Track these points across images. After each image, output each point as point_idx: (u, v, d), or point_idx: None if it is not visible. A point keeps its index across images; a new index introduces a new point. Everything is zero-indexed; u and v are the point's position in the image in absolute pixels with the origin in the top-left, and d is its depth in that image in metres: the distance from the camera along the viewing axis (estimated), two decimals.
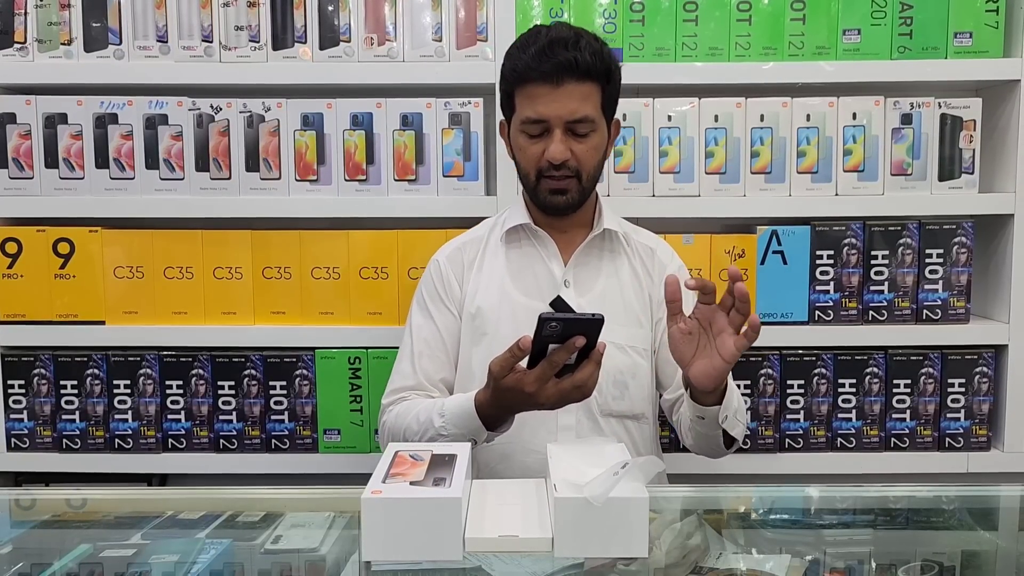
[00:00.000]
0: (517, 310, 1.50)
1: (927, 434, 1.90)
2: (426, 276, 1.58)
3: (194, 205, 1.85)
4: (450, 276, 1.55)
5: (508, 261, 1.54)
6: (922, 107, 1.84)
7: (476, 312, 1.51)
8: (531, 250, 1.55)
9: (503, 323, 1.49)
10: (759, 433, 1.90)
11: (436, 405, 1.42)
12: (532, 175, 1.47)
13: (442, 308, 1.54)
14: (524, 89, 1.43)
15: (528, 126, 1.44)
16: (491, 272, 1.54)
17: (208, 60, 1.83)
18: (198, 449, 1.91)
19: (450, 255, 1.57)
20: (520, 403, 1.31)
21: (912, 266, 1.86)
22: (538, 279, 1.53)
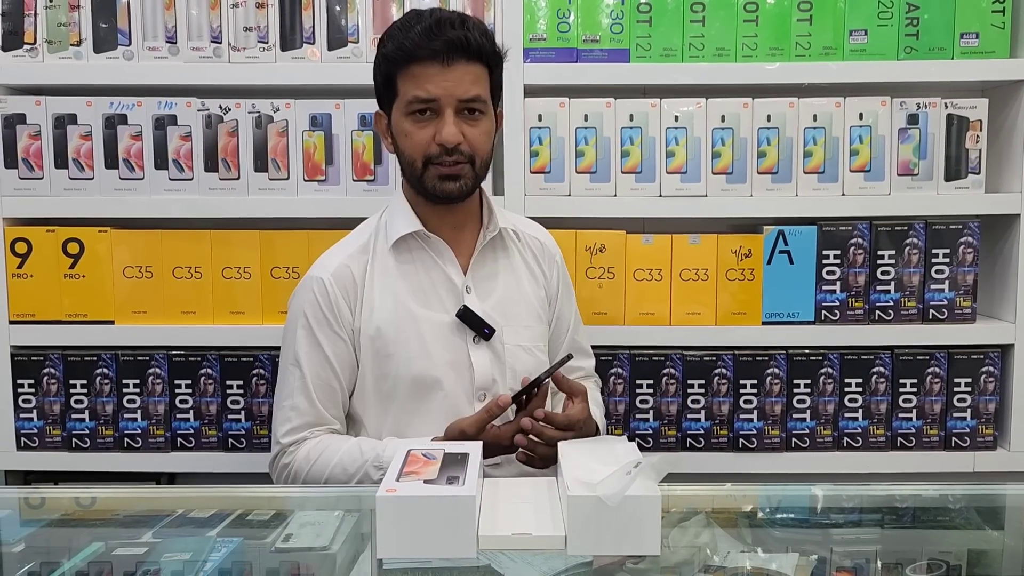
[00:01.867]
0: (421, 326, 1.42)
1: (933, 433, 1.90)
2: (307, 297, 1.43)
3: (203, 205, 1.86)
4: (338, 298, 1.42)
5: (402, 273, 1.44)
6: (928, 107, 1.85)
7: (376, 333, 1.42)
8: (425, 259, 1.45)
9: (409, 342, 1.41)
10: (765, 432, 1.90)
11: (367, 453, 1.36)
12: (419, 162, 1.38)
13: (331, 335, 1.42)
14: (410, 69, 1.35)
15: (416, 107, 1.36)
16: (384, 287, 1.43)
17: (217, 61, 1.84)
18: (207, 448, 1.91)
19: (336, 272, 1.43)
20: (489, 454, 1.30)
21: (918, 266, 1.87)
22: (437, 289, 1.45)
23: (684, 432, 1.90)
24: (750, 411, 1.89)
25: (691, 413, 1.90)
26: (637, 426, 1.91)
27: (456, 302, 1.44)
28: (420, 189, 1.41)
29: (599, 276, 1.87)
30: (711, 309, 1.88)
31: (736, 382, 1.88)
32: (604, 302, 1.85)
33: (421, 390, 1.42)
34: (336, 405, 1.45)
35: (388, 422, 1.44)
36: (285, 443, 1.42)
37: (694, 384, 1.89)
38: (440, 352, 1.42)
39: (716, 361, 1.88)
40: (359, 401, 1.46)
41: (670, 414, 1.90)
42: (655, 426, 1.90)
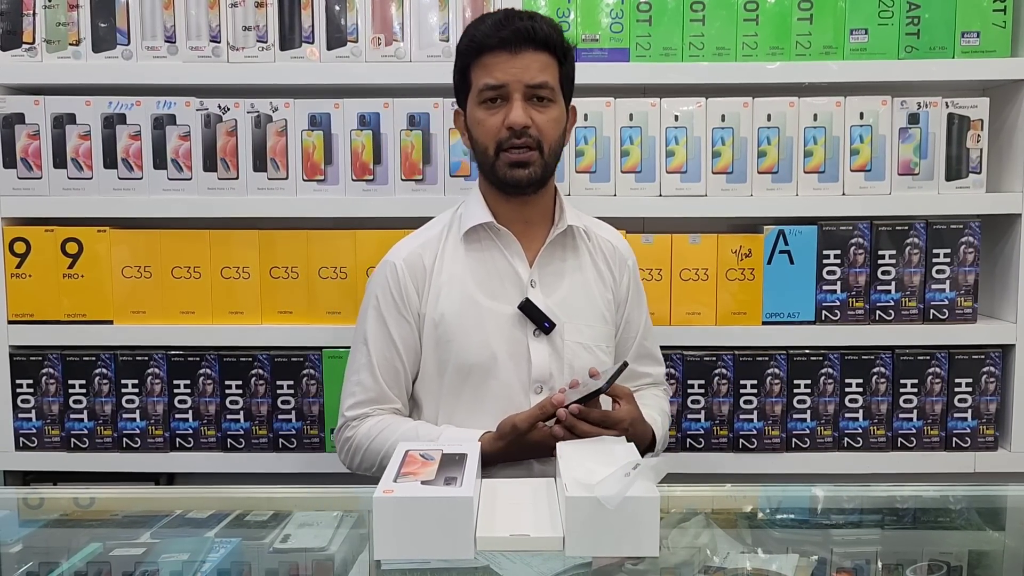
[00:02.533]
0: (484, 315, 1.45)
1: (934, 434, 1.89)
2: (380, 280, 1.49)
3: (202, 205, 1.85)
4: (407, 283, 1.47)
5: (469, 263, 1.48)
6: (929, 107, 1.84)
7: (440, 319, 1.46)
8: (494, 250, 1.49)
9: (471, 330, 1.45)
10: (765, 433, 1.90)
11: (424, 438, 1.41)
12: (491, 149, 1.42)
13: (399, 318, 1.48)
14: (481, 60, 1.41)
15: (486, 94, 1.40)
16: (452, 275, 1.48)
17: (216, 60, 1.83)
18: (205, 448, 1.91)
19: (408, 258, 1.49)
20: (538, 454, 1.35)
21: (919, 266, 1.86)
22: (504, 281, 1.48)
23: (684, 432, 1.90)
24: (750, 411, 1.89)
25: (691, 413, 1.89)
26: None
27: (520, 295, 1.46)
28: (493, 178, 1.45)
29: None
30: (711, 309, 1.87)
31: (736, 382, 1.88)
32: None
33: (478, 377, 1.45)
34: (399, 386, 1.50)
35: (444, 407, 1.48)
36: (349, 416, 1.49)
37: (694, 384, 1.89)
38: (500, 342, 1.45)
39: (716, 361, 1.87)
40: (420, 385, 1.51)
41: (670, 415, 1.88)
42: None
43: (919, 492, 1.37)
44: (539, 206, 1.49)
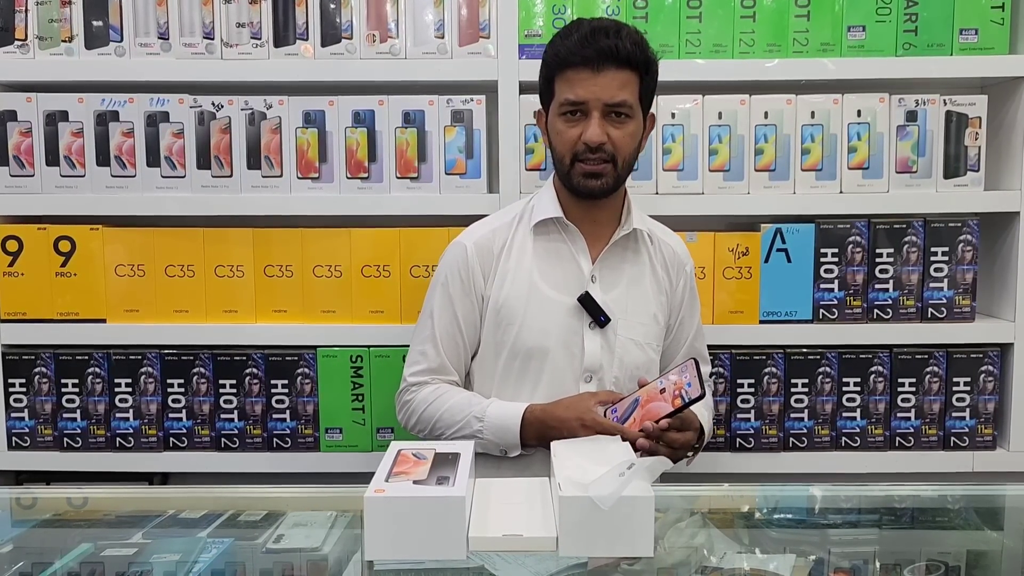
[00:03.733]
0: (544, 303, 1.52)
1: (932, 433, 1.88)
2: (451, 258, 1.56)
3: (195, 203, 1.84)
4: (475, 265, 1.54)
5: (536, 253, 1.54)
6: (927, 104, 1.83)
7: (503, 303, 1.53)
8: (560, 243, 1.55)
9: (531, 316, 1.51)
10: (763, 432, 1.89)
11: (474, 406, 1.50)
12: (567, 159, 1.48)
13: (463, 298, 1.54)
14: (565, 74, 1.45)
15: (567, 108, 1.46)
16: (519, 262, 1.54)
17: (209, 57, 1.82)
18: (199, 448, 1.90)
19: (479, 241, 1.55)
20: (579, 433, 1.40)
21: (917, 264, 1.85)
22: (566, 273, 1.54)
23: None
24: (747, 410, 1.88)
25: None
26: None
27: (580, 288, 1.52)
28: (567, 183, 1.51)
29: None
30: (708, 307, 1.86)
31: (733, 381, 1.87)
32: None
33: (532, 361, 1.52)
34: (459, 360, 1.57)
35: (497, 387, 1.55)
36: (411, 381, 1.57)
37: None
38: (556, 330, 1.51)
39: (713, 360, 1.86)
40: (477, 363, 1.58)
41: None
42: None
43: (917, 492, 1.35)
44: (608, 208, 1.55)
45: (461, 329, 1.55)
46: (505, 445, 1.48)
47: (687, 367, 1.39)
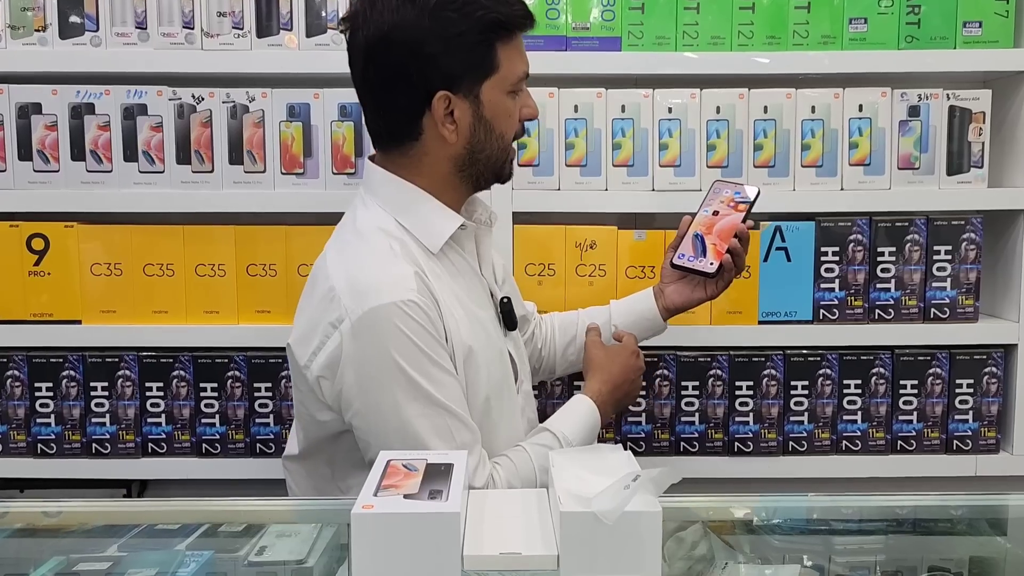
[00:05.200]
0: (488, 328, 1.32)
1: (934, 436, 1.84)
2: (411, 327, 1.18)
3: (175, 199, 1.77)
4: (437, 319, 1.22)
5: (451, 275, 1.30)
6: (930, 99, 1.79)
7: (468, 352, 1.26)
8: (455, 255, 1.32)
9: (488, 350, 1.30)
10: (761, 436, 1.84)
11: (552, 442, 1.30)
12: (510, 143, 1.32)
13: (449, 362, 1.23)
14: (514, 40, 1.27)
15: (518, 84, 1.29)
16: (450, 296, 1.27)
17: (189, 47, 1.75)
18: (179, 454, 1.83)
19: (420, 289, 1.21)
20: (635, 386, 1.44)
21: (919, 263, 1.81)
22: (475, 283, 1.34)
23: (678, 436, 1.84)
24: (746, 414, 1.83)
25: (685, 416, 1.84)
26: (629, 430, 1.84)
27: (486, 294, 1.37)
28: (499, 173, 1.33)
29: (590, 273, 1.80)
30: (705, 308, 1.79)
31: (731, 384, 1.82)
32: (595, 300, 1.76)
33: (498, 398, 1.31)
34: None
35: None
36: (481, 485, 1.21)
37: (688, 386, 1.83)
38: (499, 354, 1.34)
39: (710, 362, 1.82)
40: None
41: (663, 417, 1.83)
42: (647, 430, 1.84)
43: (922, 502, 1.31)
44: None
45: (466, 396, 1.26)
46: (591, 441, 1.39)
47: (716, 187, 1.45)
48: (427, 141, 1.27)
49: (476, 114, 1.26)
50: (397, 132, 1.28)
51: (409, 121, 1.26)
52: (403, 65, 1.22)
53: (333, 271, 1.24)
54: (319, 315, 1.22)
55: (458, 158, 1.29)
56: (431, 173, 1.30)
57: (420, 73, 1.22)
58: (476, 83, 1.25)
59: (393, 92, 1.24)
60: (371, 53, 1.23)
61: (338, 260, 1.25)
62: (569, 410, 1.38)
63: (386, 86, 1.24)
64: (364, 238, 1.26)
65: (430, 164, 1.29)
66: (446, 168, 1.30)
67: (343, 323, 1.19)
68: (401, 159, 1.30)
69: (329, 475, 1.32)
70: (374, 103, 1.29)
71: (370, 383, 1.19)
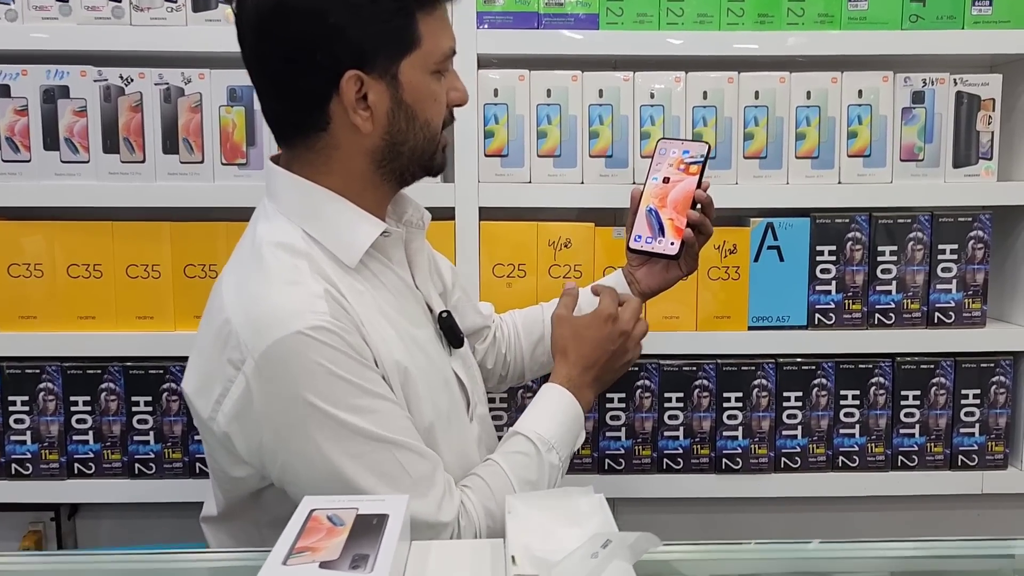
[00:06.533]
0: (422, 350, 1.11)
1: (938, 451, 1.70)
2: (327, 356, 0.97)
3: (102, 193, 1.59)
4: (359, 342, 1.02)
5: (375, 290, 1.09)
6: (936, 84, 1.64)
7: (406, 375, 1.07)
8: (378, 265, 1.11)
9: (428, 373, 1.11)
10: (751, 451, 1.69)
11: (533, 450, 1.12)
12: (439, 131, 1.11)
13: (383, 385, 1.04)
14: (436, 12, 1.06)
15: (443, 63, 1.09)
16: (376, 312, 1.06)
17: (117, 23, 1.57)
18: (109, 475, 1.65)
19: (333, 312, 1.00)
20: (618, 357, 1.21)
21: (923, 263, 1.67)
22: (404, 298, 1.13)
23: (660, 452, 1.69)
24: (734, 427, 1.69)
25: (668, 430, 1.69)
26: (607, 445, 1.68)
27: (422, 309, 1.16)
28: (428, 164, 1.12)
29: (564, 275, 1.65)
30: (690, 312, 1.66)
31: (719, 395, 1.68)
32: None
33: (447, 430, 1.12)
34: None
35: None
36: (447, 520, 1.02)
37: (671, 397, 1.68)
38: (441, 376, 1.14)
39: (696, 371, 1.67)
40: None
41: (644, 432, 1.68)
42: (627, 445, 1.69)
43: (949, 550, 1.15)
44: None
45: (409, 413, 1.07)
46: (577, 439, 1.20)
47: (661, 147, 1.30)
48: (337, 132, 1.06)
49: (395, 98, 1.06)
50: (300, 122, 1.07)
51: (313, 108, 1.05)
52: (303, 39, 1.01)
53: (228, 301, 1.03)
54: (216, 355, 1.02)
55: (376, 151, 1.08)
56: (344, 171, 1.08)
57: (324, 49, 1.01)
58: (393, 61, 1.04)
59: (292, 73, 1.03)
60: (263, 25, 1.03)
61: (234, 288, 1.04)
62: (539, 406, 1.18)
63: (283, 66, 1.03)
64: (262, 258, 1.03)
65: (342, 160, 1.08)
66: (362, 164, 1.09)
67: (245, 363, 0.98)
68: (307, 156, 1.08)
69: (258, 538, 1.12)
70: (270, 87, 1.07)
71: (289, 431, 0.99)
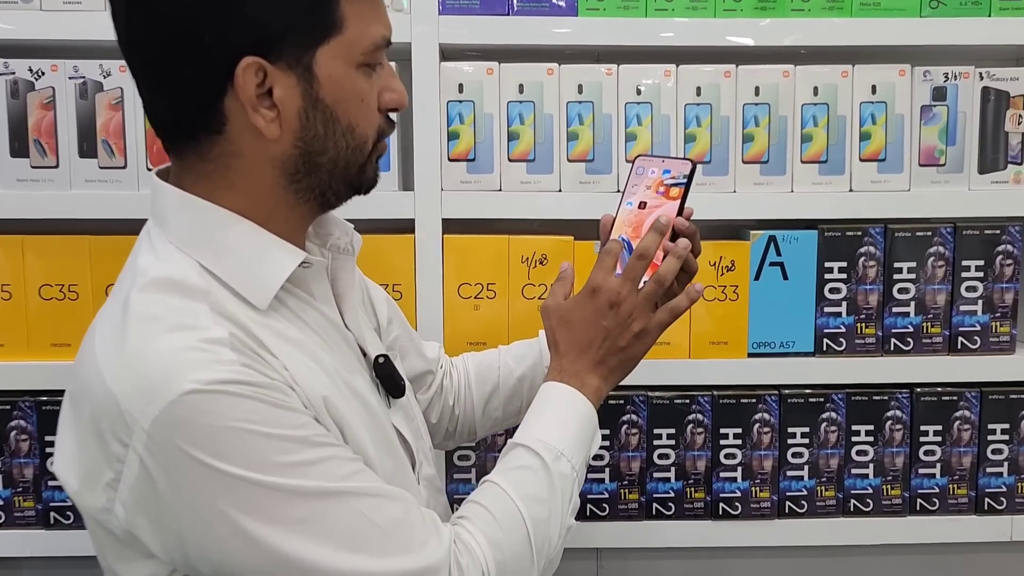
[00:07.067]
0: (372, 405, 0.93)
1: (962, 493, 1.53)
2: (241, 411, 0.77)
3: (9, 202, 1.40)
4: (282, 387, 0.82)
5: (299, 333, 0.88)
6: (959, 78, 1.47)
7: (347, 428, 0.88)
8: (296, 302, 0.90)
9: (374, 433, 0.92)
10: (752, 495, 1.51)
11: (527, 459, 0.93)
12: (371, 141, 0.90)
13: (316, 426, 0.84)
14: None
15: (377, 56, 0.89)
16: (299, 363, 0.86)
17: (25, 7, 1.38)
18: (21, 525, 1.46)
19: (243, 360, 0.79)
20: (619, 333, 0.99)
21: (945, 281, 1.49)
22: (334, 339, 0.93)
23: (649, 495, 1.51)
24: (733, 468, 1.51)
25: (658, 471, 1.50)
26: (589, 488, 1.50)
27: (354, 353, 0.96)
28: (355, 181, 0.91)
29: (539, 296, 1.46)
30: (683, 337, 1.48)
31: (715, 431, 1.50)
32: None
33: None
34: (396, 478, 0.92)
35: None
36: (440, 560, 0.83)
37: (662, 434, 1.50)
38: (387, 438, 0.94)
39: (689, 404, 1.49)
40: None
41: (631, 472, 1.50)
42: (612, 488, 1.50)
43: None
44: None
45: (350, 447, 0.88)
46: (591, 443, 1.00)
47: (639, 166, 1.10)
48: (236, 136, 0.85)
49: (309, 95, 0.85)
50: (188, 123, 0.85)
51: (203, 105, 0.84)
52: (185, 14, 0.80)
53: (103, 359, 0.81)
54: (94, 432, 0.80)
55: (287, 162, 0.87)
56: (248, 186, 0.87)
57: (213, 27, 0.80)
58: (306, 48, 0.84)
59: (173, 58, 0.82)
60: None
61: (110, 341, 0.82)
62: (537, 409, 0.98)
63: (162, 48, 0.82)
64: (145, 301, 0.82)
65: (245, 172, 0.87)
66: (270, 177, 0.87)
67: (134, 437, 0.77)
68: (202, 167, 0.87)
69: None
70: (148, 77, 0.86)
71: (210, 514, 0.77)
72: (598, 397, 0.99)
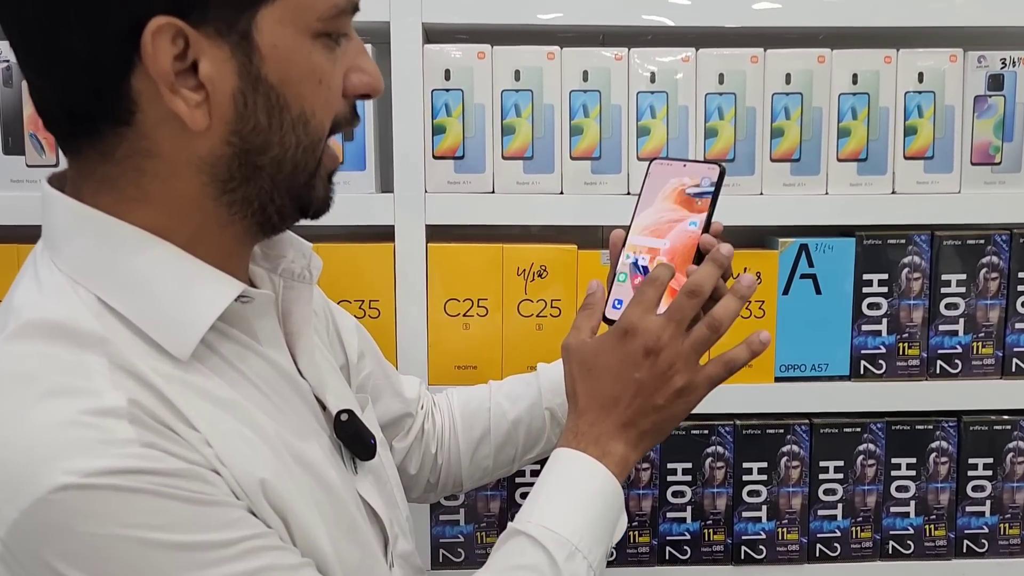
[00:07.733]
0: (329, 479, 0.74)
1: (1014, 534, 1.39)
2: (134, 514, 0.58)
3: None
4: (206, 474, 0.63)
5: (231, 387, 0.69)
6: (1018, 65, 1.31)
7: (276, 502, 0.67)
8: (241, 348, 0.71)
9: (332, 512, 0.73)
10: (778, 536, 1.36)
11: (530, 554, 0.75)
12: (324, 135, 0.70)
13: (242, 510, 0.65)
14: None
15: (338, 23, 0.68)
16: (231, 432, 0.66)
17: None
18: None
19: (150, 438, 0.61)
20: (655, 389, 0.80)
21: (998, 296, 1.34)
22: (281, 392, 0.74)
23: (662, 538, 1.35)
24: (757, 507, 1.35)
25: (672, 511, 1.35)
26: None
27: (309, 410, 0.77)
28: (303, 194, 0.71)
29: (538, 312, 1.30)
30: (702, 359, 1.32)
31: (736, 464, 1.35)
32: (545, 351, 1.27)
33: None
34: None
35: None
36: None
37: (677, 469, 1.34)
38: (351, 519, 0.75)
39: (709, 435, 1.34)
40: None
41: (641, 513, 1.34)
42: None
43: None
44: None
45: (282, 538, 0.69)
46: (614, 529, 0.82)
47: (655, 172, 0.92)
48: (148, 128, 0.65)
49: (247, 72, 0.64)
50: (83, 111, 0.65)
51: (102, 85, 0.63)
52: None
53: None
54: None
55: (217, 164, 0.66)
56: (165, 195, 0.67)
57: None
58: (242, 7, 0.63)
59: (57, 22, 0.61)
60: None
61: None
62: (547, 484, 0.80)
63: (43, 11, 0.62)
64: (15, 356, 0.63)
65: (161, 177, 0.66)
66: (194, 185, 0.67)
67: None
68: (104, 170, 0.67)
69: None
70: (30, 52, 0.65)
71: None
72: (623, 468, 0.80)
